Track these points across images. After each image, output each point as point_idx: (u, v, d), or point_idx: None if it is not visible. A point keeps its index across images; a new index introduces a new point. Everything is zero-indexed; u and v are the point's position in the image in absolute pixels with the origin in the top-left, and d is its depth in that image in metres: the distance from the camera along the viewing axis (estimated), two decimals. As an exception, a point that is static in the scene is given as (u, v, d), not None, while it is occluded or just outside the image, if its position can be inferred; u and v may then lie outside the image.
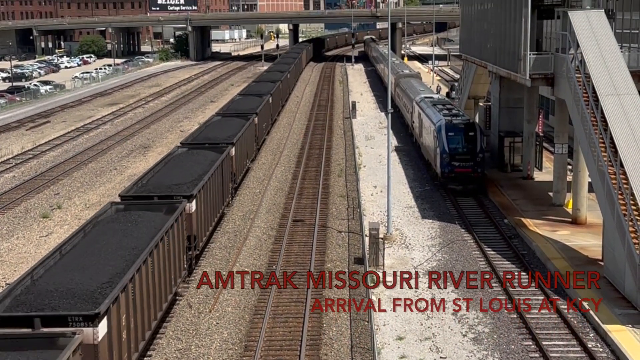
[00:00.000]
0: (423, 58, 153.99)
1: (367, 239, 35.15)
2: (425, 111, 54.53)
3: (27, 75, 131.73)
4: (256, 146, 59.63)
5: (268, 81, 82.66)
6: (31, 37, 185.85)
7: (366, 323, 29.04)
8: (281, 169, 56.17)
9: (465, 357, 26.48)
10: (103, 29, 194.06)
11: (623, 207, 30.56)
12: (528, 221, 40.71)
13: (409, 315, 29.87)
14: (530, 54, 41.77)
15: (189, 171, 37.74)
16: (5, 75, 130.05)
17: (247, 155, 53.18)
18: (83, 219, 42.18)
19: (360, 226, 40.88)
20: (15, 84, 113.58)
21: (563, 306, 30.26)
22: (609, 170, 32.09)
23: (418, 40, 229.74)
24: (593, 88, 35.23)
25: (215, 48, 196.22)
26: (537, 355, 26.70)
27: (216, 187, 39.39)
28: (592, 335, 27.90)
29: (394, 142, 64.47)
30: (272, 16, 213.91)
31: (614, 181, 31.60)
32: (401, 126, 71.70)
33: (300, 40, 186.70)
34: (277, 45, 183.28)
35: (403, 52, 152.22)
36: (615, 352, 26.46)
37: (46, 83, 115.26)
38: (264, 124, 65.19)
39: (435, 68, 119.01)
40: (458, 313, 29.95)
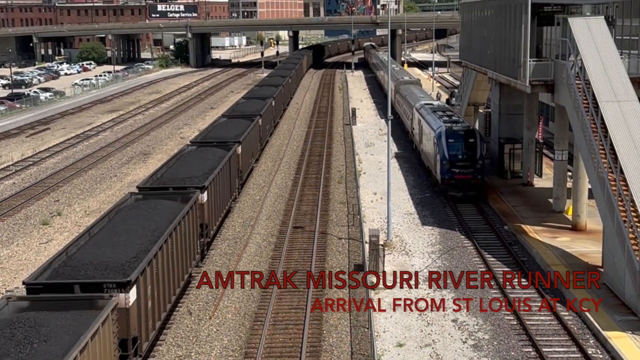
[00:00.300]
0: (423, 65, 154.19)
1: (367, 246, 35.13)
2: (425, 118, 54.57)
3: (27, 82, 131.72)
4: (260, 146, 61.94)
5: (270, 85, 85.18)
6: (31, 44, 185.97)
7: (366, 330, 29.03)
8: (281, 176, 56.18)
9: (465, 364, 26.48)
10: (103, 36, 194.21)
11: (623, 214, 30.56)
12: (528, 228, 40.71)
13: (409, 321, 29.84)
14: (530, 61, 41.82)
15: (200, 166, 40.22)
16: (5, 82, 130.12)
17: (252, 154, 55.79)
18: (83, 226, 42.16)
19: (360, 233, 40.86)
20: (15, 91, 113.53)
21: (563, 312, 30.26)
22: (609, 176, 32.10)
23: (418, 46, 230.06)
24: (593, 94, 35.25)
25: (215, 55, 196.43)
26: (538, 362, 26.72)
27: (225, 181, 41.87)
28: (592, 341, 27.88)
29: (394, 149, 64.50)
30: (272, 23, 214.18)
31: (614, 188, 31.61)
32: (401, 133, 71.74)
33: (300, 47, 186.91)
34: (277, 52, 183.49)
35: (403, 59, 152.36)
36: (615, 359, 26.44)
37: (46, 90, 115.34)
38: (267, 126, 67.59)
39: (435, 75, 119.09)
40: (458, 320, 29.93)
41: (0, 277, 36.15)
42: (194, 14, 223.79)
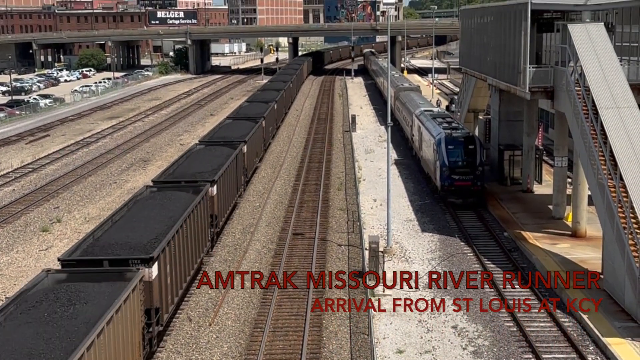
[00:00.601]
0: (423, 71, 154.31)
1: (367, 253, 35.12)
2: (425, 124, 54.59)
3: (27, 88, 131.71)
4: (263, 147, 64.92)
5: (272, 90, 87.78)
6: (31, 51, 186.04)
7: (366, 336, 29.00)
8: (281, 182, 56.17)
9: (465, 371, 26.46)
10: (102, 43, 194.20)
11: (623, 220, 30.57)
12: (528, 234, 40.71)
13: (409, 328, 29.82)
14: (529, 67, 41.85)
15: (209, 163, 43.21)
16: (4, 88, 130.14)
17: (256, 154, 58.75)
18: (83, 233, 42.14)
19: (360, 239, 40.85)
20: (14, 98, 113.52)
21: (563, 319, 30.24)
22: (609, 183, 32.11)
23: (418, 53, 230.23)
24: (593, 101, 35.28)
25: (214, 61, 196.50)
26: (538, 368, 26.72)
27: (232, 177, 44.84)
28: (592, 348, 27.87)
29: (394, 156, 64.53)
30: (272, 29, 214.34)
31: (614, 194, 31.62)
32: (401, 139, 71.76)
33: (299, 53, 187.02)
34: (277, 58, 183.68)
35: (403, 66, 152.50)
36: (615, 366, 26.47)
37: (46, 97, 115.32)
38: (270, 128, 70.82)
39: (434, 81, 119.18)
40: (458, 326, 29.91)
41: (0, 284, 36.14)
42: (194, 21, 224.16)
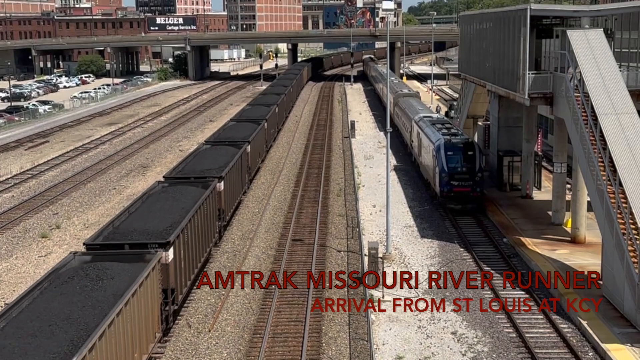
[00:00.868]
0: (422, 77, 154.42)
1: (366, 259, 35.11)
2: (424, 130, 54.61)
3: (26, 95, 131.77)
4: (266, 147, 67.53)
5: (273, 94, 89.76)
6: (30, 57, 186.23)
7: (365, 342, 28.97)
8: (280, 188, 56.16)
9: (465, 377, 26.42)
10: (102, 49, 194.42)
11: (622, 226, 30.55)
12: (527, 240, 40.70)
13: (409, 334, 29.80)
14: (529, 73, 41.85)
15: (216, 161, 45.52)
16: (4, 95, 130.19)
17: (259, 154, 61.50)
18: (82, 239, 42.02)
19: (359, 245, 40.83)
20: (14, 104, 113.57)
21: (562, 325, 30.22)
22: (608, 189, 32.11)
23: (417, 59, 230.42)
24: (592, 107, 35.28)
25: (214, 67, 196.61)
26: (538, 374, 26.67)
27: (237, 175, 47.11)
28: (592, 354, 27.84)
29: (393, 162, 64.54)
30: (271, 36, 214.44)
31: (613, 200, 31.61)
32: (400, 145, 71.77)
33: (299, 59, 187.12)
34: (276, 64, 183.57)
35: (402, 72, 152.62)
36: (615, 372, 26.43)
37: (45, 103, 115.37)
38: (272, 130, 73.35)
39: (434, 87, 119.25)
40: (457, 332, 29.89)
41: (-2, 290, 36.13)
42: (193, 27, 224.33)
